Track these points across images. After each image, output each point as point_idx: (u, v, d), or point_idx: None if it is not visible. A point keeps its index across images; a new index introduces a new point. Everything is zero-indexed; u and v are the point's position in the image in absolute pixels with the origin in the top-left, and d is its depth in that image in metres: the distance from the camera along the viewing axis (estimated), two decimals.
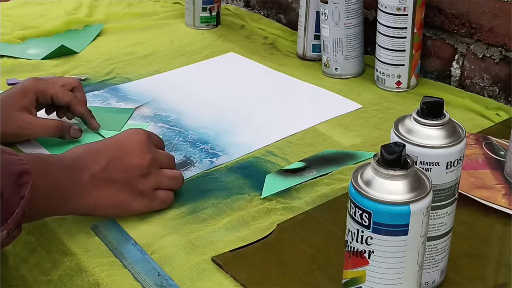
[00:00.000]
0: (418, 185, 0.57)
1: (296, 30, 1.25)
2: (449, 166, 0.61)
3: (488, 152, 0.88)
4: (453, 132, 0.62)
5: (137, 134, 0.79)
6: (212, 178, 0.87)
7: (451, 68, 1.13)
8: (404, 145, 0.56)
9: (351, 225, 0.58)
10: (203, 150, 0.93)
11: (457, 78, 1.13)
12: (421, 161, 0.61)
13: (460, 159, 0.62)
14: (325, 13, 1.13)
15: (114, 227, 0.77)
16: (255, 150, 0.93)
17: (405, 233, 0.56)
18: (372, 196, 0.56)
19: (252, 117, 1.03)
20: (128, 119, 1.02)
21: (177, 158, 0.91)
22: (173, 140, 0.96)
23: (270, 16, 1.45)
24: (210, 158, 0.91)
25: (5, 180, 0.63)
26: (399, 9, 1.04)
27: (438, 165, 0.61)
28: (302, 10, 1.21)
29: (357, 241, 0.57)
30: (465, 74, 1.11)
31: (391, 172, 0.56)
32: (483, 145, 0.89)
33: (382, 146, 0.56)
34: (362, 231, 0.57)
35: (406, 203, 0.55)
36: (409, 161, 0.57)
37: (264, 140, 0.95)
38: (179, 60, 1.24)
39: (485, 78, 1.09)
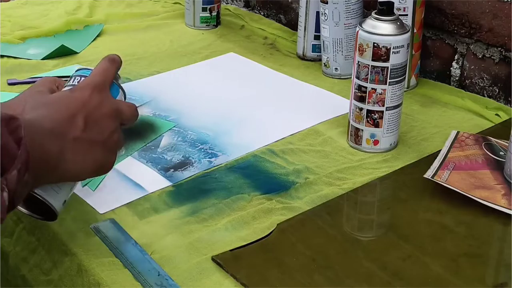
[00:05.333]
0: None
1: (296, 30, 1.25)
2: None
3: (488, 153, 0.88)
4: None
5: (88, 88, 0.71)
6: (212, 178, 0.87)
7: (451, 68, 1.13)
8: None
9: None
10: (202, 150, 0.93)
11: (457, 78, 1.13)
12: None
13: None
14: (325, 13, 1.13)
15: (114, 227, 0.77)
16: (255, 150, 0.93)
17: None
18: None
19: (251, 117, 1.03)
20: None
21: (176, 158, 0.91)
22: (172, 140, 0.96)
23: (270, 16, 1.45)
24: (209, 158, 0.91)
25: None
26: (399, 9, 1.04)
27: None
28: (302, 10, 1.21)
29: None
30: (465, 74, 1.11)
31: None
32: (483, 146, 0.89)
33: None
34: None
35: None
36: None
37: (264, 140, 0.95)
38: (179, 60, 1.24)
39: (485, 78, 1.09)
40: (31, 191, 0.67)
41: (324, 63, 1.17)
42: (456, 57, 1.12)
